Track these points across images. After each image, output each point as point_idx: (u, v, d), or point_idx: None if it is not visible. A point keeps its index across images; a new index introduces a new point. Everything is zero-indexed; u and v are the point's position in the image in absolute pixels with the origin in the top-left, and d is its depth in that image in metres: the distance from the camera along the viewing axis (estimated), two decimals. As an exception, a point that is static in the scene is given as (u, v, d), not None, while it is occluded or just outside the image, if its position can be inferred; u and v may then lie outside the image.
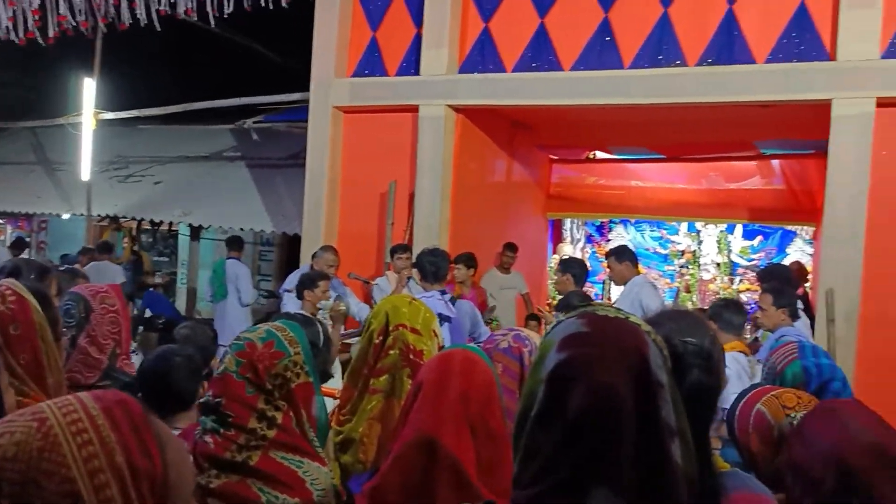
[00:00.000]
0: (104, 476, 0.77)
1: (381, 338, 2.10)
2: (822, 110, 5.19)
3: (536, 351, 1.08)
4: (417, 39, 6.57)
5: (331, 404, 3.21)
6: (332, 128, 6.91)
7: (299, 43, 7.39)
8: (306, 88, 7.10)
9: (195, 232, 10.51)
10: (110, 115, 9.14)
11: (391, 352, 2.07)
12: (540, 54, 6.15)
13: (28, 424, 0.78)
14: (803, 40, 5.31)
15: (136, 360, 2.63)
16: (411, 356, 2.07)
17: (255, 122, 8.81)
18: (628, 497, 0.94)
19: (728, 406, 2.06)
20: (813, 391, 2.09)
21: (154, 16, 7.02)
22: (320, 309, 5.08)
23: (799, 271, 6.99)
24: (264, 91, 8.31)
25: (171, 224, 11.16)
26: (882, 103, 5.04)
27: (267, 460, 1.52)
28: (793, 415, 1.82)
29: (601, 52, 5.92)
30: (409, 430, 1.58)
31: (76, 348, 2.19)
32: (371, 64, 6.83)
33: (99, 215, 9.53)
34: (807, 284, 7.21)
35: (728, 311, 4.18)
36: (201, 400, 1.60)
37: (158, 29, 7.13)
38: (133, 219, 9.83)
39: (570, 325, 1.05)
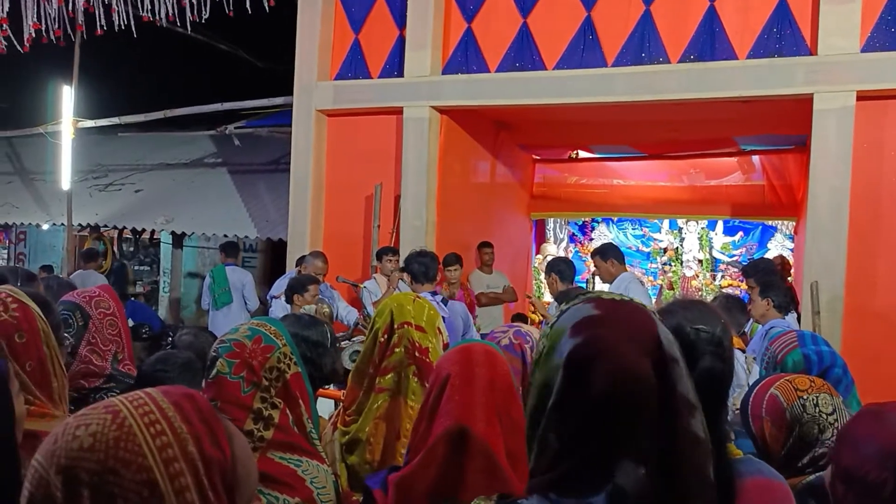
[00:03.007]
0: (178, 465, 0.79)
1: (386, 336, 2.08)
2: (803, 105, 5.26)
3: (544, 341, 1.06)
4: (401, 41, 6.57)
5: (330, 407, 3.20)
6: (316, 131, 6.89)
7: (281, 47, 7.36)
8: (288, 92, 7.07)
9: (178, 240, 10.41)
10: (89, 123, 9.03)
11: (396, 350, 2.06)
12: (523, 54, 6.17)
13: (103, 417, 0.79)
14: (784, 35, 5.38)
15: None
16: (417, 354, 2.06)
17: (236, 128, 8.75)
18: (649, 468, 0.95)
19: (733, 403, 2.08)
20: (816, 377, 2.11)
21: (132, 21, 6.94)
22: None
23: (783, 265, 7.07)
24: (246, 96, 8.25)
25: (152, 232, 11.05)
26: (862, 96, 5.12)
27: (265, 461, 1.52)
28: (805, 397, 1.83)
29: (584, 50, 5.96)
30: (441, 421, 1.57)
31: (77, 358, 2.15)
32: (354, 66, 6.82)
33: (80, 225, 9.41)
34: (789, 278, 7.29)
35: (734, 308, 4.22)
36: None
37: (136, 35, 7.06)
38: (114, 227, 9.70)
39: (579, 310, 1.05)
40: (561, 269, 5.41)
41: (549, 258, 7.77)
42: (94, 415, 0.80)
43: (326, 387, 3.38)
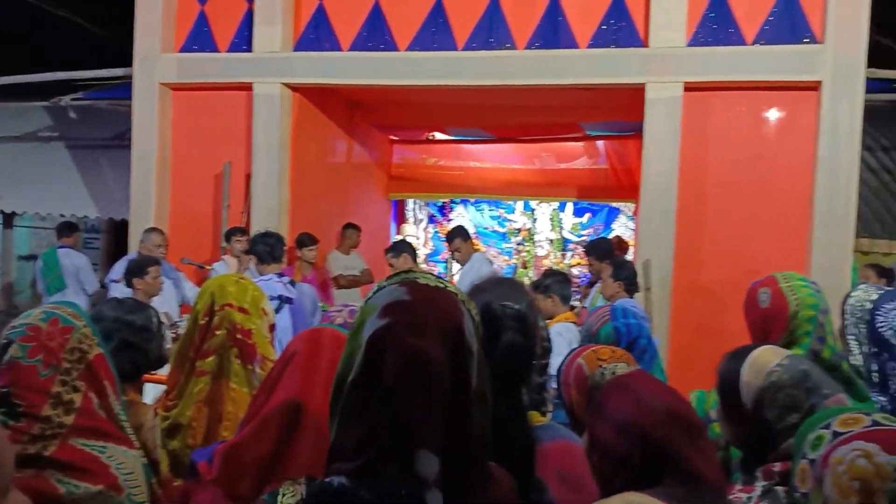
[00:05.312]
0: None
1: (206, 318, 2.04)
2: (637, 93, 5.58)
3: (359, 315, 1.07)
4: (249, 15, 6.36)
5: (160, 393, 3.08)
6: (160, 106, 6.56)
7: (121, 14, 6.93)
8: (129, 64, 6.69)
9: (8, 219, 9.63)
10: None
11: (217, 332, 2.03)
12: (375, 34, 6.16)
13: None
14: (620, 27, 5.68)
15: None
16: (239, 336, 2.04)
17: (73, 100, 8.15)
18: (441, 457, 0.98)
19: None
20: (624, 347, 2.28)
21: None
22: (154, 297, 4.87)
23: (619, 244, 7.52)
24: (83, 66, 7.71)
25: (-21, 212, 10.15)
26: (689, 87, 5.49)
27: (65, 449, 1.47)
28: (605, 366, 1.97)
29: (435, 33, 6.02)
30: (279, 395, 1.55)
31: None
32: (200, 39, 6.53)
33: None
34: (628, 256, 7.77)
35: (562, 283, 4.46)
36: None
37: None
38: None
39: (392, 291, 1.06)
40: (402, 248, 5.56)
41: (396, 239, 7.87)
42: None
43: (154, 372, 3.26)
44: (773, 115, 5.49)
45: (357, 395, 1.02)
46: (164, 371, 2.28)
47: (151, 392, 3.05)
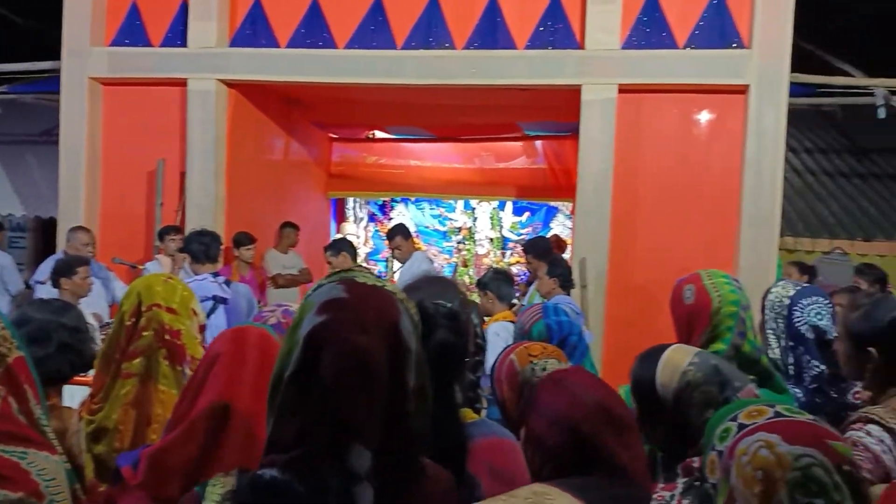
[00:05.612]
0: None
1: (133, 319, 2.00)
2: (573, 95, 5.68)
3: (298, 311, 1.09)
4: (184, 9, 6.23)
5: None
6: (90, 101, 6.36)
7: (48, 6, 6.70)
8: (57, 57, 6.47)
9: (-74, 217, 9.19)
10: None
11: (145, 333, 1.99)
12: (314, 31, 6.11)
13: None
14: (557, 30, 5.77)
15: None
16: (167, 336, 2.00)
17: (-3, 93, 7.85)
18: (376, 452, 1.00)
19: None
20: (555, 344, 2.32)
21: None
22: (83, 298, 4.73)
23: (557, 243, 7.64)
24: (8, 58, 7.42)
25: None
26: (623, 89, 5.62)
27: None
28: (535, 362, 2.01)
29: (374, 31, 6.01)
30: (205, 397, 1.54)
31: None
32: (133, 33, 6.36)
33: None
34: (566, 255, 7.90)
35: (502, 282, 4.51)
36: None
37: None
38: None
39: (331, 289, 1.08)
40: (342, 247, 5.54)
41: (336, 238, 7.83)
42: None
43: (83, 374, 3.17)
44: (703, 117, 5.67)
45: (294, 391, 1.03)
46: (89, 374, 2.22)
47: (78, 395, 2.96)
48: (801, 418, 1.02)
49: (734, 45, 5.54)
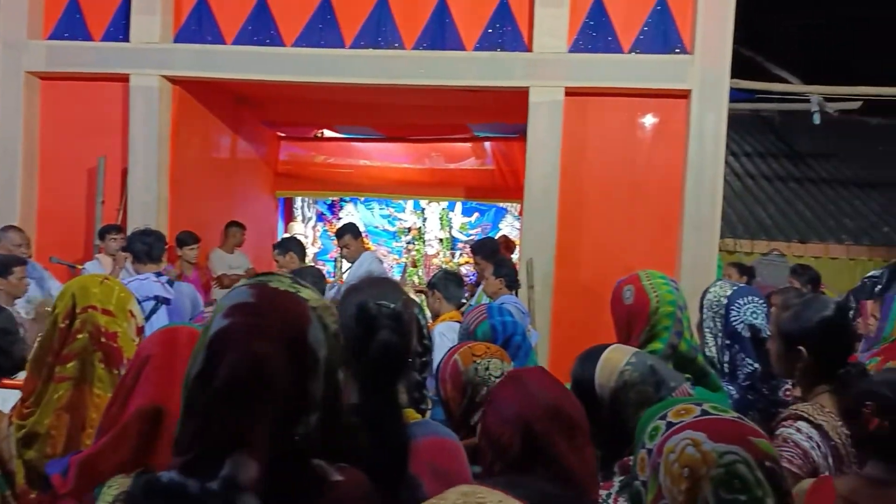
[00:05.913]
0: None
1: (67, 321, 1.95)
2: (521, 97, 5.73)
3: (211, 313, 1.09)
4: (126, 3, 6.08)
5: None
6: (27, 96, 6.17)
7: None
8: (-8, 50, 6.25)
9: None
10: None
11: (79, 336, 1.93)
12: (261, 28, 6.03)
13: None
14: (505, 32, 5.81)
15: None
16: (103, 339, 1.95)
17: (-74, 86, 7.53)
18: (263, 463, 0.98)
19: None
20: (500, 344, 2.34)
21: None
22: (18, 299, 4.59)
23: (505, 244, 7.70)
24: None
25: None
26: (569, 92, 5.69)
27: None
28: (478, 362, 2.03)
29: (322, 30, 5.97)
30: (136, 401, 1.50)
31: None
32: (72, 26, 6.19)
33: None
34: (515, 256, 7.97)
35: (450, 282, 4.52)
36: None
37: None
38: None
39: (241, 293, 1.08)
40: (289, 246, 5.48)
41: (284, 237, 7.76)
42: None
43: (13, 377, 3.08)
44: (647, 121, 5.78)
45: (193, 392, 1.03)
46: (20, 377, 2.16)
47: (10, 399, 2.87)
48: (727, 416, 1.05)
49: (677, 50, 5.66)
